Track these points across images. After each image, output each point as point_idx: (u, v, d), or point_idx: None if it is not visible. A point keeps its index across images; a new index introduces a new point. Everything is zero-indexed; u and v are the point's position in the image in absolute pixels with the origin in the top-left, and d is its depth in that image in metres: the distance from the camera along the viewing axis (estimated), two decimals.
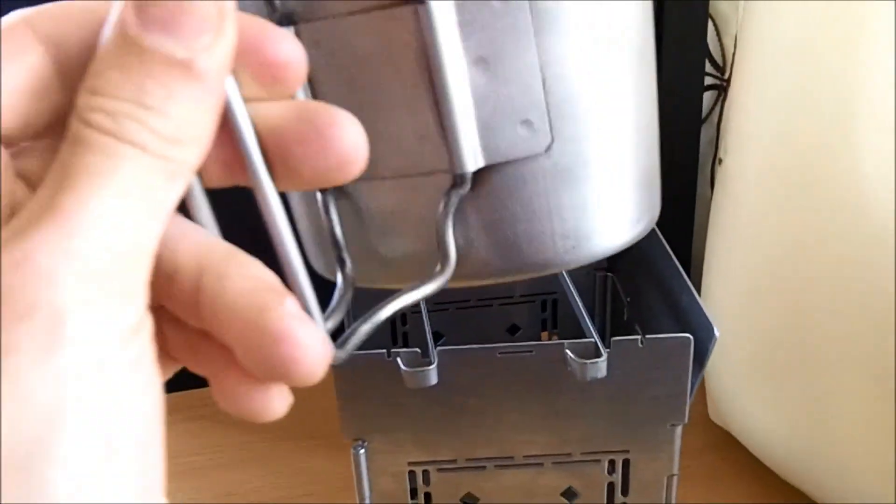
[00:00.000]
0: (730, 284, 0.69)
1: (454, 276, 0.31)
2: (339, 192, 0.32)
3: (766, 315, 0.66)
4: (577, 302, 0.53)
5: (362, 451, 0.50)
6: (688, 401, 0.49)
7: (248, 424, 0.79)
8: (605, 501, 0.53)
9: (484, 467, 0.51)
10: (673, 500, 0.52)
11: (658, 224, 0.48)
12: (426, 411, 0.50)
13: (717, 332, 0.48)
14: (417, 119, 0.30)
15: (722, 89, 0.84)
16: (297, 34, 0.29)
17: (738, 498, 0.70)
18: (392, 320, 0.63)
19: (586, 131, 0.32)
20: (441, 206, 0.31)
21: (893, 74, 0.56)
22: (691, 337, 0.48)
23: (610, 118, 0.33)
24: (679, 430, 0.50)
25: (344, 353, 0.29)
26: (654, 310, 0.57)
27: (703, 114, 0.85)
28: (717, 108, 0.85)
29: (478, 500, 0.52)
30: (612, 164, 0.33)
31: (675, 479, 0.52)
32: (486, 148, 0.31)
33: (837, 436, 0.63)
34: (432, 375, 0.47)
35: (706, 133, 0.86)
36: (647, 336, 0.48)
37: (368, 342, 0.60)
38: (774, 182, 0.64)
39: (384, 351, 0.48)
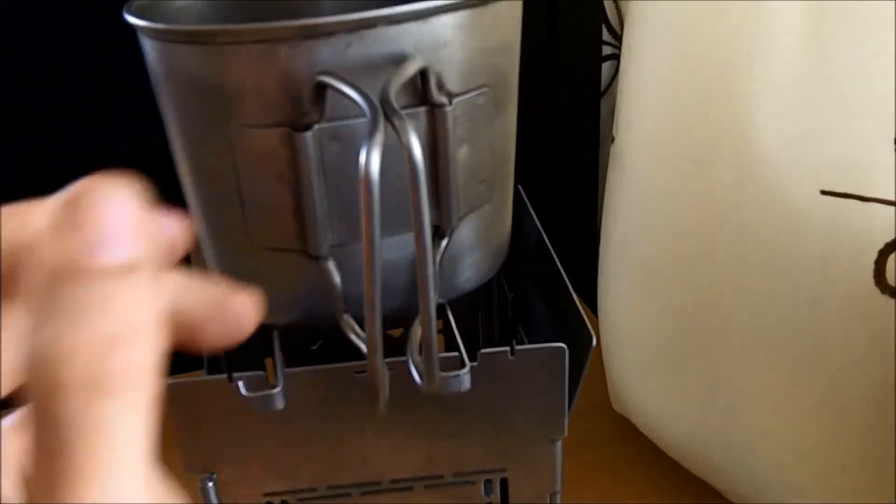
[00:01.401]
0: (627, 267, 0.64)
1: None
2: (340, 255, 0.41)
3: (666, 299, 0.61)
4: (447, 310, 0.47)
5: (210, 484, 0.44)
6: (566, 414, 0.44)
7: None
8: None
9: (349, 494, 0.46)
10: None
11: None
12: (279, 437, 0.44)
13: (594, 341, 0.42)
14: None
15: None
16: (318, 132, 0.38)
17: (641, 488, 0.65)
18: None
19: (506, 180, 0.46)
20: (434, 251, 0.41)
21: (789, 42, 0.51)
22: (565, 346, 0.42)
23: (511, 167, 0.47)
24: (559, 444, 0.45)
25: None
26: (536, 308, 0.51)
27: (603, 86, 0.80)
28: (618, 80, 0.79)
29: None
30: (510, 199, 0.48)
31: (557, 495, 0.46)
32: (462, 206, 0.42)
33: (740, 424, 0.59)
34: (278, 400, 0.41)
35: (606, 105, 0.81)
36: (518, 347, 0.42)
37: (241, 357, 0.54)
38: (670, 158, 0.59)
39: (224, 376, 0.42)
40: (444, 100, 0.39)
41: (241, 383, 0.41)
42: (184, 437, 0.43)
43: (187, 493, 0.46)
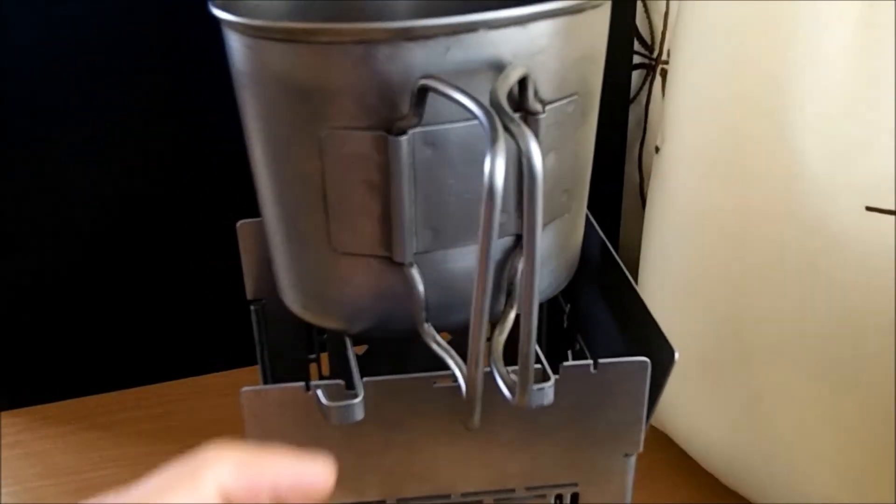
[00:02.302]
0: (666, 278, 0.63)
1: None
2: (423, 263, 0.40)
3: (704, 311, 0.60)
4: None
5: None
6: (643, 429, 0.43)
7: (150, 435, 0.71)
8: None
9: None
10: None
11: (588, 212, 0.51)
12: (349, 448, 0.42)
13: (677, 355, 0.41)
14: (506, 199, 0.38)
15: (650, 68, 0.78)
16: (412, 137, 0.37)
17: (674, 499, 0.64)
18: (309, 328, 0.55)
19: (584, 191, 0.46)
20: (512, 261, 0.41)
21: (836, 57, 0.51)
22: (649, 361, 0.41)
23: (588, 177, 0.46)
24: (633, 459, 0.44)
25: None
26: (598, 321, 0.50)
27: (632, 94, 0.79)
28: (646, 89, 0.78)
29: None
30: (584, 210, 0.48)
31: None
32: (545, 215, 0.40)
33: (776, 437, 0.58)
34: (358, 411, 0.39)
35: (634, 114, 0.80)
36: (601, 360, 0.41)
37: (281, 355, 0.52)
38: (713, 171, 0.59)
39: (300, 384, 0.40)
40: (538, 107, 0.38)
41: (319, 392, 0.39)
42: (255, 443, 0.41)
43: None
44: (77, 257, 0.70)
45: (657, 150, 0.64)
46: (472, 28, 0.36)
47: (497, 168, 0.32)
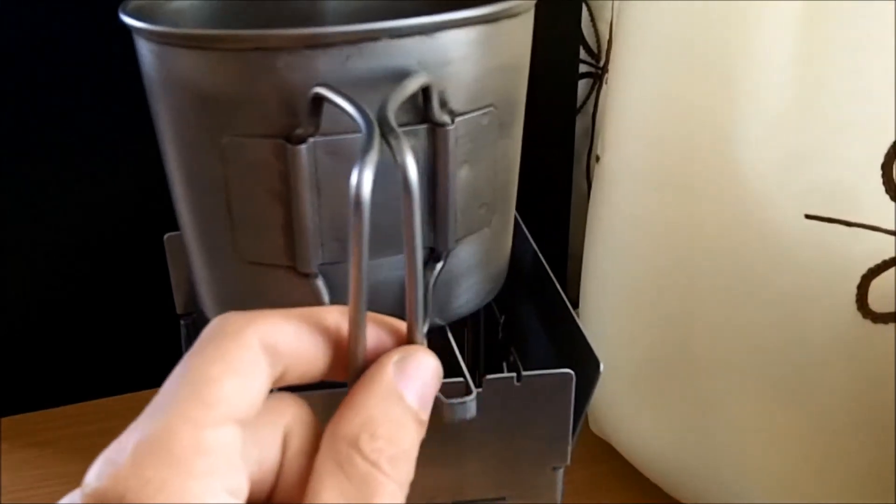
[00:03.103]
0: (609, 288, 0.62)
1: None
2: (330, 273, 0.39)
3: (648, 321, 0.60)
4: (447, 333, 0.45)
5: None
6: (570, 442, 0.42)
7: (91, 451, 0.69)
8: None
9: None
10: None
11: (532, 220, 0.53)
12: None
13: (602, 367, 0.40)
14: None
15: (597, 77, 0.77)
16: (312, 145, 0.36)
17: None
18: None
19: (507, 203, 0.44)
20: (424, 275, 0.38)
21: (777, 66, 0.50)
22: (573, 373, 0.40)
23: (514, 190, 0.44)
24: (561, 472, 0.43)
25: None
26: (530, 333, 0.49)
27: (578, 103, 0.78)
28: (593, 98, 0.78)
29: None
30: (511, 222, 0.46)
31: None
32: (459, 228, 0.40)
33: (721, 448, 0.57)
34: None
35: (581, 123, 0.79)
36: (525, 373, 0.40)
37: None
38: (654, 181, 0.58)
39: None
40: (446, 118, 0.37)
41: None
42: None
43: None
44: (9, 274, 0.68)
45: (597, 159, 0.63)
46: (373, 37, 0.35)
47: (364, 180, 0.31)
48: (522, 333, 0.51)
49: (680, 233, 0.56)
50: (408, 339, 0.31)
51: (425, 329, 0.40)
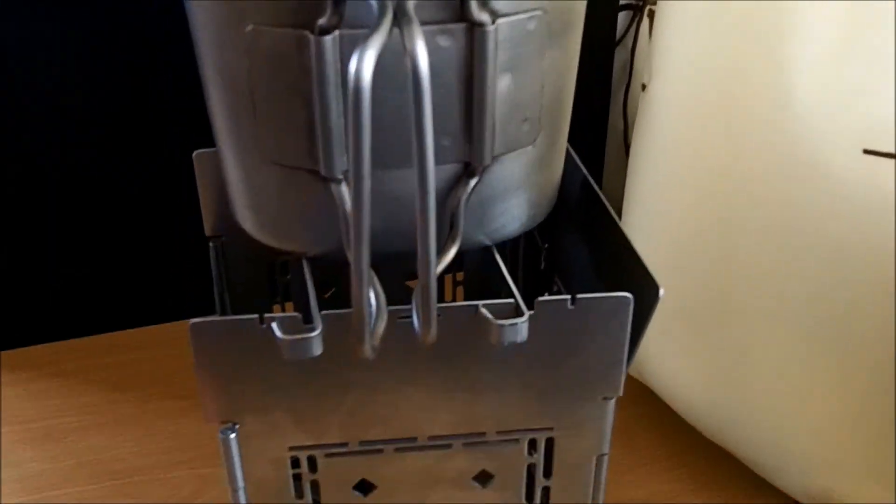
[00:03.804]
0: (650, 226, 0.60)
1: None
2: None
3: (689, 261, 0.57)
4: (495, 256, 0.42)
5: (233, 435, 0.39)
6: (624, 371, 0.40)
7: (110, 382, 0.67)
8: (525, 485, 0.43)
9: (381, 451, 0.41)
10: (602, 482, 0.42)
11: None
12: (308, 386, 0.39)
13: (662, 291, 0.38)
14: (450, 121, 0.35)
15: (638, 9, 0.74)
16: (338, 38, 0.33)
17: (655, 451, 0.62)
18: (271, 269, 0.52)
19: (557, 123, 0.40)
20: (456, 191, 0.37)
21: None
22: (631, 297, 0.38)
23: (566, 109, 0.41)
24: (612, 404, 0.41)
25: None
26: (577, 261, 0.47)
27: (617, 36, 0.75)
28: (632, 31, 0.75)
29: (374, 487, 0.42)
30: (563, 145, 0.42)
31: (605, 458, 0.42)
32: (498, 143, 0.37)
33: (758, 391, 0.55)
34: (315, 345, 0.36)
35: (619, 57, 0.76)
36: (580, 296, 0.37)
37: (243, 300, 0.48)
38: (702, 112, 0.55)
39: (255, 316, 0.36)
40: (486, 18, 0.34)
41: (274, 325, 0.36)
42: (205, 384, 0.38)
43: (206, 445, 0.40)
44: (33, 201, 0.66)
45: (643, 87, 0.60)
46: None
47: (364, 65, 0.28)
48: (567, 262, 0.48)
49: (727, 167, 0.54)
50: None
51: (454, 250, 0.37)
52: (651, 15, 0.73)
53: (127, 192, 0.67)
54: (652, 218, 0.59)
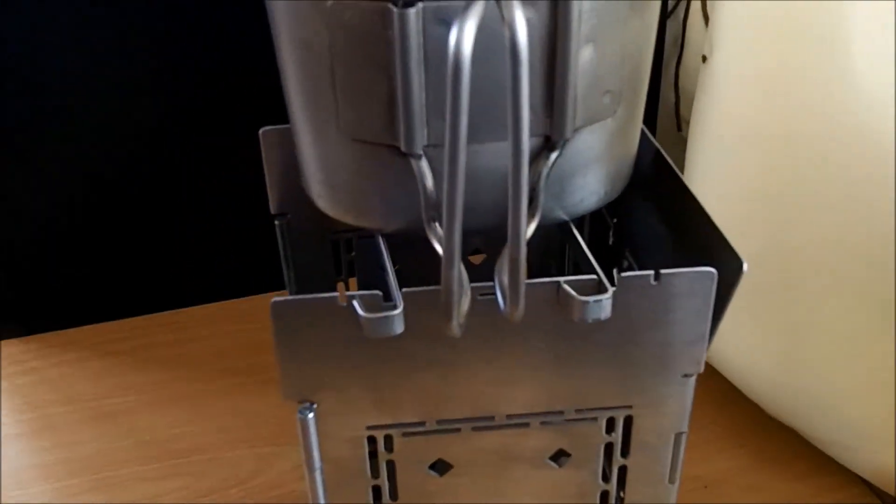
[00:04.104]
0: (713, 197, 0.59)
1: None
2: (435, 157, 0.35)
3: (750, 232, 0.56)
4: (573, 230, 0.41)
5: (311, 414, 0.38)
6: (706, 347, 0.39)
7: (167, 361, 0.67)
8: (602, 464, 0.42)
9: (458, 430, 0.40)
10: (680, 461, 0.42)
11: None
12: (387, 364, 0.38)
13: (745, 266, 0.37)
14: (531, 94, 0.32)
15: None
16: (421, 11, 0.32)
17: (715, 427, 0.61)
18: (336, 247, 0.51)
19: (636, 95, 0.40)
20: (536, 165, 0.36)
21: None
22: (715, 272, 0.37)
23: (644, 81, 0.40)
24: (692, 381, 0.40)
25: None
26: (650, 235, 0.46)
27: (668, 7, 0.74)
28: (684, 3, 0.73)
29: (450, 466, 0.41)
30: (640, 118, 0.41)
31: (683, 436, 0.41)
32: (578, 116, 0.36)
33: (823, 365, 0.55)
34: (398, 323, 0.35)
35: (670, 30, 0.74)
36: (664, 271, 0.37)
37: (307, 278, 0.48)
38: (764, 83, 0.54)
39: (335, 294, 0.36)
40: None
41: (356, 303, 0.35)
42: (285, 362, 0.37)
43: (277, 398, 0.40)
44: (93, 182, 0.66)
45: (704, 59, 0.59)
46: None
47: (464, 38, 0.27)
48: (639, 237, 0.47)
49: (788, 140, 0.53)
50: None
51: (535, 222, 0.37)
52: None
53: (183, 169, 0.67)
54: (714, 190, 0.58)
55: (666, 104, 0.76)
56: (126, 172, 0.66)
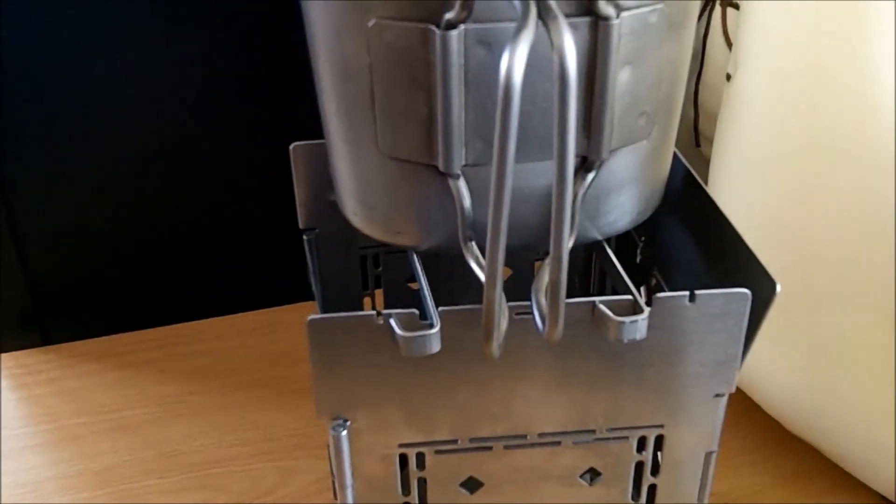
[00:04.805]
0: (736, 213, 0.59)
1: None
2: (472, 177, 0.36)
3: (771, 247, 0.56)
4: (606, 249, 0.42)
5: (344, 432, 0.39)
6: (738, 367, 0.39)
7: (188, 373, 0.67)
8: (632, 482, 0.42)
9: (490, 448, 0.40)
10: (709, 480, 0.42)
11: None
12: (421, 382, 0.38)
13: (779, 288, 0.37)
14: None
15: None
16: (464, 33, 0.33)
17: (736, 445, 0.61)
18: (363, 262, 0.52)
19: (670, 117, 0.40)
20: (576, 185, 0.37)
21: None
22: (749, 293, 0.37)
23: (679, 103, 0.41)
24: (724, 400, 0.40)
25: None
26: (679, 254, 0.46)
27: None
28: (705, 19, 0.74)
29: (481, 484, 0.42)
30: (673, 139, 0.42)
31: (713, 455, 0.41)
32: (615, 137, 0.36)
33: (845, 382, 0.55)
34: (434, 342, 0.36)
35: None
36: (699, 292, 0.37)
37: (334, 291, 0.48)
38: (789, 102, 0.54)
39: (372, 312, 0.36)
40: (611, 11, 0.33)
41: (392, 321, 0.36)
42: (319, 379, 0.38)
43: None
44: (115, 192, 0.66)
45: (728, 77, 0.59)
46: None
47: (515, 63, 0.28)
48: (669, 256, 0.48)
49: (814, 157, 0.53)
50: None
51: (570, 243, 0.37)
52: (724, 4, 0.72)
53: (203, 181, 0.67)
54: (738, 208, 0.59)
55: (685, 120, 0.77)
56: (147, 183, 0.67)
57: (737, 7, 0.66)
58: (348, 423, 0.39)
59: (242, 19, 0.62)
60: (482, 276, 0.36)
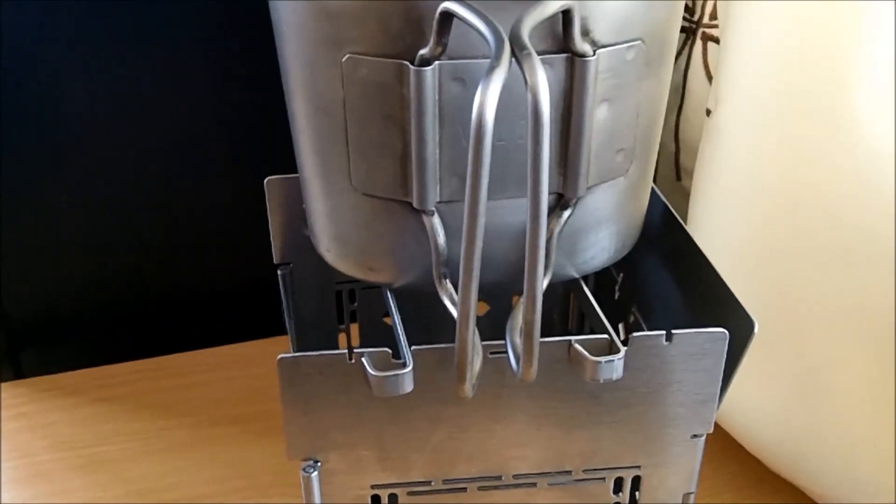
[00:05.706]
0: (716, 247, 0.59)
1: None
2: (447, 213, 0.36)
3: (753, 280, 0.56)
4: (583, 287, 0.41)
5: (314, 473, 0.38)
6: (716, 407, 0.39)
7: (164, 408, 0.66)
8: None
9: (464, 489, 0.40)
10: None
11: None
12: (395, 423, 0.38)
13: (756, 327, 0.37)
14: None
15: (691, 32, 0.73)
16: (438, 69, 0.33)
17: (715, 484, 0.60)
18: (338, 297, 0.51)
19: (648, 153, 0.41)
20: (549, 223, 0.36)
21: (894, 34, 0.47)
22: (727, 332, 0.37)
23: (657, 139, 0.41)
24: (702, 441, 0.40)
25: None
26: (658, 291, 0.46)
27: None
28: (685, 53, 0.74)
29: None
30: (651, 175, 0.42)
31: (692, 496, 0.41)
32: (592, 174, 0.36)
33: (830, 418, 0.54)
34: (407, 381, 0.35)
35: (672, 79, 0.75)
36: (675, 331, 0.37)
37: (309, 326, 0.47)
38: (770, 137, 0.54)
39: (344, 352, 0.36)
40: (587, 48, 0.33)
41: (364, 360, 0.35)
42: (291, 419, 0.37)
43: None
44: (88, 227, 0.66)
45: (708, 112, 0.59)
46: None
47: (488, 99, 0.27)
48: (647, 294, 0.47)
49: (795, 189, 0.53)
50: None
51: (546, 282, 0.37)
52: (704, 38, 0.72)
53: (182, 215, 0.67)
54: (718, 241, 0.59)
55: (666, 154, 0.77)
56: (120, 219, 0.66)
57: (717, 41, 0.66)
58: (319, 464, 0.38)
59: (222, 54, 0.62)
60: (456, 314, 0.35)
